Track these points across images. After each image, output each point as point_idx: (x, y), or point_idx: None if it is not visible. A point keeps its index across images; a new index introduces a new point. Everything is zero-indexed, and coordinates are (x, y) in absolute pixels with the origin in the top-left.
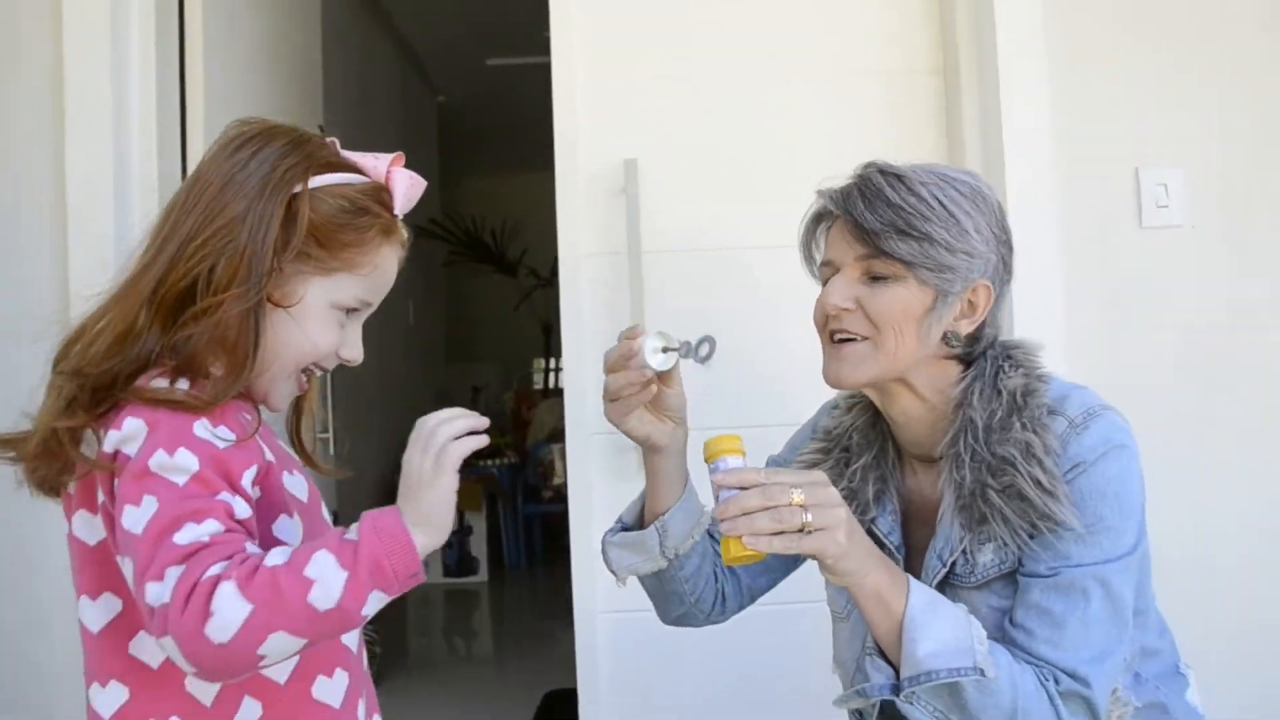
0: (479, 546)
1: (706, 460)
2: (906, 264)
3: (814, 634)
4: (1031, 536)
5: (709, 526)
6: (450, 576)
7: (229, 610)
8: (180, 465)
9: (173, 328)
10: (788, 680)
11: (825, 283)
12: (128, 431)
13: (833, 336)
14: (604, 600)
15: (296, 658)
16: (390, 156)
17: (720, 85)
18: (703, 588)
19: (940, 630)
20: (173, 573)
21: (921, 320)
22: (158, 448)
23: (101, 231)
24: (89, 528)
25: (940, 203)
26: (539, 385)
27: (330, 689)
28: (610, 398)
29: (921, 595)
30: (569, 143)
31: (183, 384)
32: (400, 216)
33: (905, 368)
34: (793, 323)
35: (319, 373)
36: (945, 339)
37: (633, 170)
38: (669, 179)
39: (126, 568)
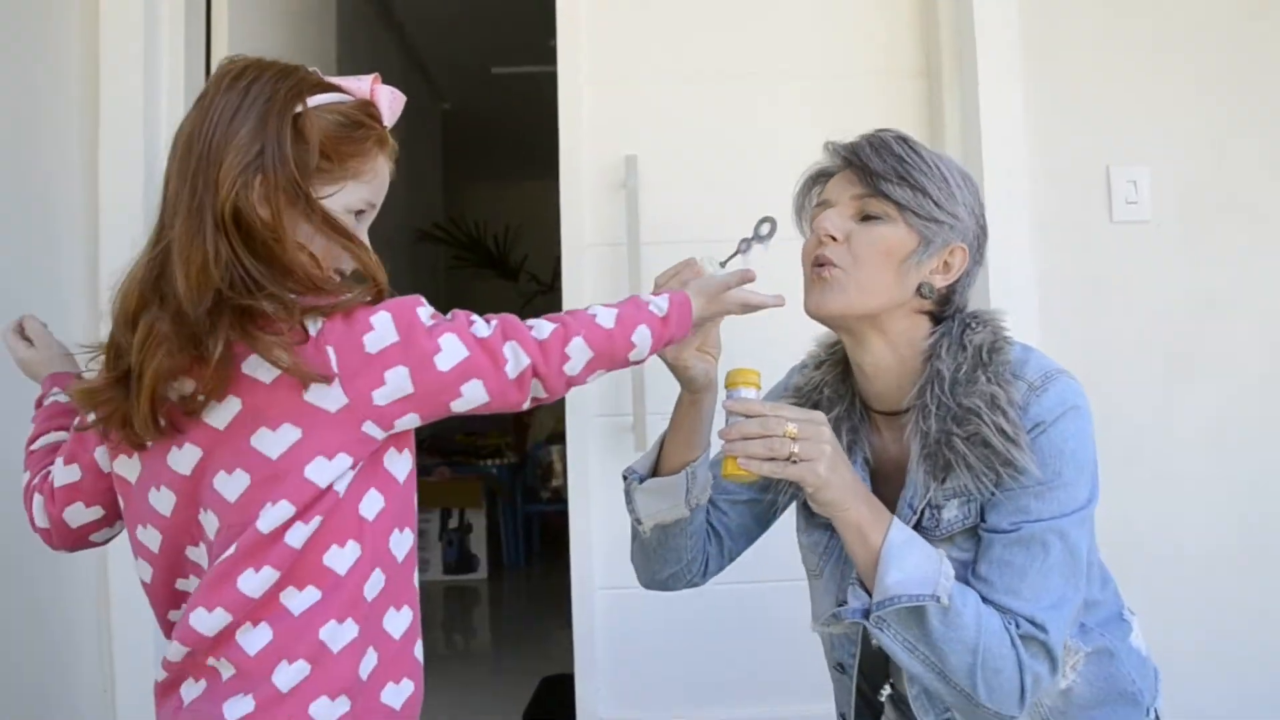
0: (479, 544)
1: (726, 387)
2: (899, 206)
3: (808, 615)
4: (996, 484)
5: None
6: (450, 573)
7: (579, 355)
8: (430, 309)
9: (246, 248)
10: (782, 658)
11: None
12: (382, 326)
13: (815, 266)
14: (602, 577)
15: (414, 541)
16: (369, 77)
17: (717, 85)
18: (697, 547)
19: (910, 563)
20: (508, 348)
21: (902, 261)
22: (414, 309)
23: (132, 231)
24: (272, 441)
25: (938, 168)
26: None
27: (417, 580)
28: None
29: (900, 533)
30: (573, 139)
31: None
32: (389, 128)
33: (879, 308)
34: (785, 312)
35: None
36: (920, 290)
37: (633, 165)
38: (667, 174)
39: (472, 389)
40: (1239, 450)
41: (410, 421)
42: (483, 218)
